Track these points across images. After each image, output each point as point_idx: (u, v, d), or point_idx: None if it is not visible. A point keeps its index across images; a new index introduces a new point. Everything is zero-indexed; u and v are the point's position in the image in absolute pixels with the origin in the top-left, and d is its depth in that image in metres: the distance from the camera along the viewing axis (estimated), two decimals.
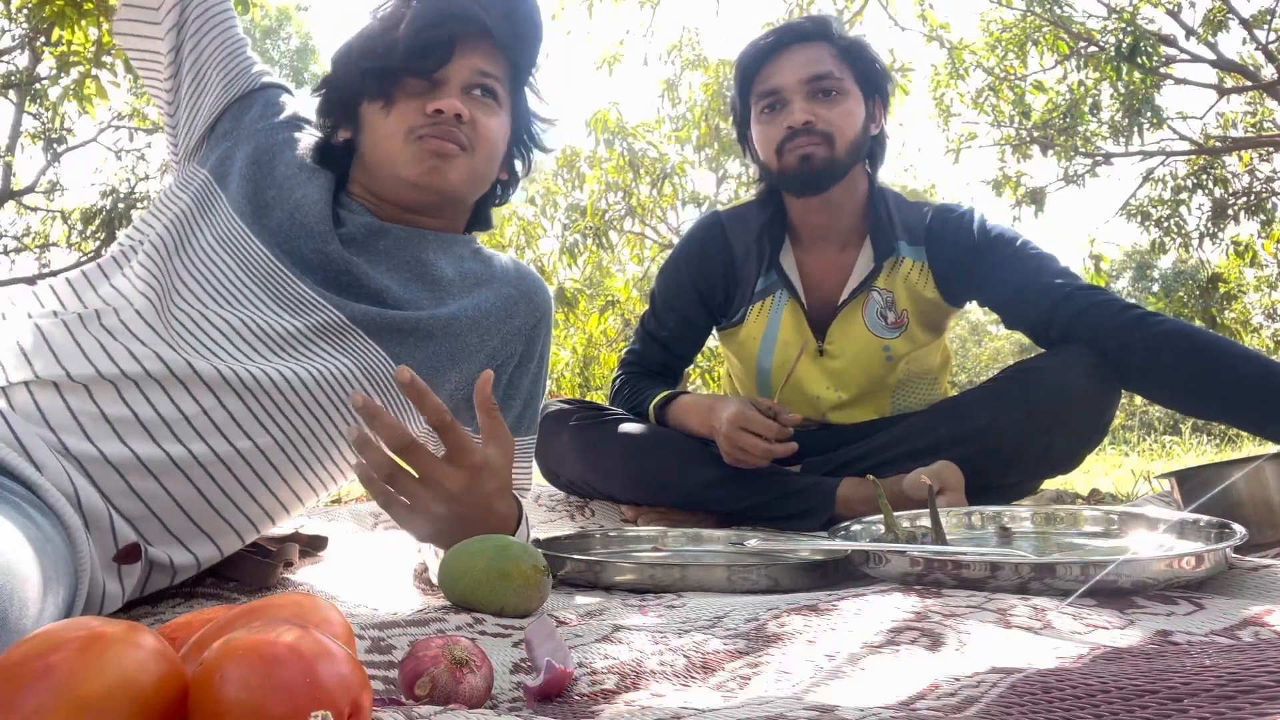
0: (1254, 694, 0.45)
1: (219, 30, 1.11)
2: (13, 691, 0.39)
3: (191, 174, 1.08)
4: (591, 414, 1.69)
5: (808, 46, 1.52)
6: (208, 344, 0.92)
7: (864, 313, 1.61)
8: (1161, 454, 6.59)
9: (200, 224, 1.03)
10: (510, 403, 1.15)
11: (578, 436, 1.65)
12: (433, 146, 1.05)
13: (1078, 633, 0.70)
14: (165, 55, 1.10)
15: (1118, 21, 6.02)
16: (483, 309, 1.09)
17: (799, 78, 1.50)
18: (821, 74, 1.49)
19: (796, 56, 1.51)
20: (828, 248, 1.62)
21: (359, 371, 0.98)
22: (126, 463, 0.82)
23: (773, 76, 1.52)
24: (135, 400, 0.84)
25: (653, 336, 1.79)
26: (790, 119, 1.49)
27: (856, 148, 1.53)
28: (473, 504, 0.89)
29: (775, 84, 1.52)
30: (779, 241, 1.63)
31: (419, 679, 0.58)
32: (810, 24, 1.55)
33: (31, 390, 0.82)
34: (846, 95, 1.51)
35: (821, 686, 0.61)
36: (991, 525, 1.19)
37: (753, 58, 1.55)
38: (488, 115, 1.09)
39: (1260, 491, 1.09)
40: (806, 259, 1.64)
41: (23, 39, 6.27)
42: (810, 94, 1.50)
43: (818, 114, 1.49)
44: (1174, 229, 7.18)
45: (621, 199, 7.12)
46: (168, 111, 1.12)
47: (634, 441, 1.61)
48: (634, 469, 1.60)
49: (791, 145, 1.50)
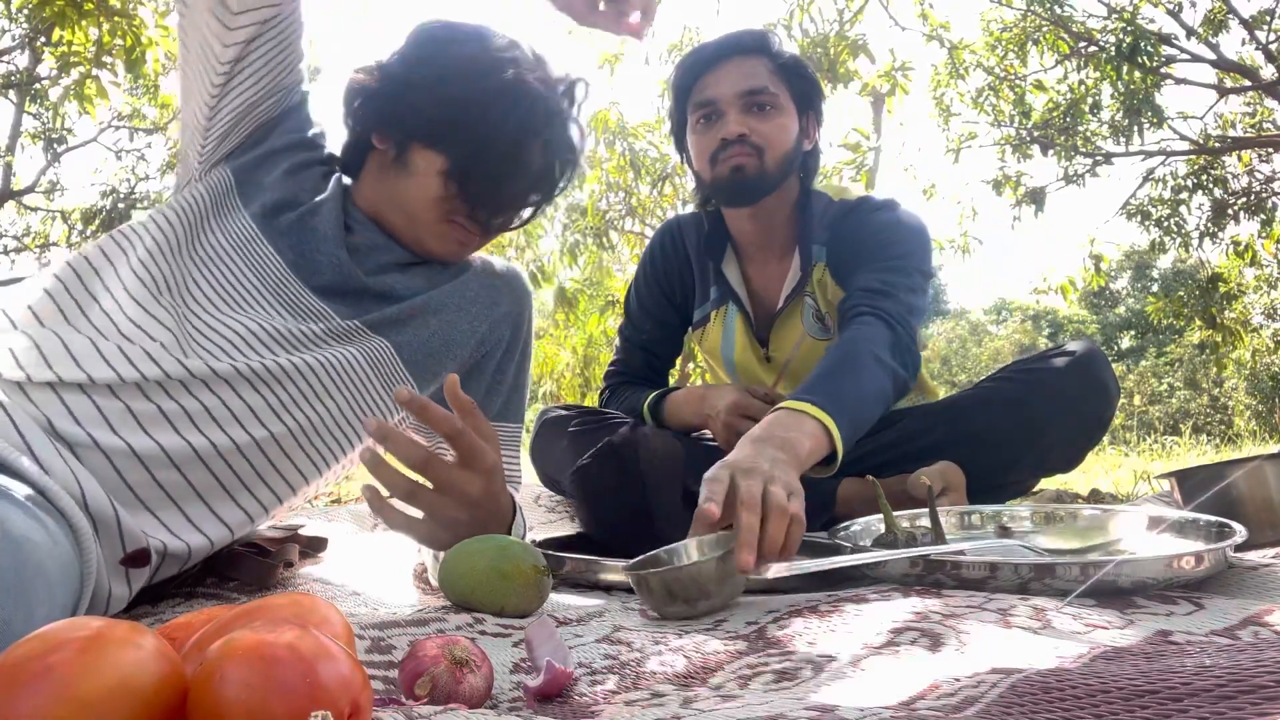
0: (1254, 694, 0.45)
1: (289, 51, 1.06)
2: (13, 691, 0.39)
3: (212, 171, 1.08)
4: (592, 419, 1.69)
5: (746, 60, 1.54)
6: (225, 347, 0.95)
7: (801, 318, 1.62)
8: (1161, 454, 6.60)
9: (212, 221, 1.04)
10: (498, 388, 1.19)
11: (577, 441, 1.65)
12: (461, 237, 1.12)
13: (1078, 633, 0.70)
14: (225, 63, 1.02)
15: (1118, 21, 6.02)
16: (469, 295, 1.15)
17: (735, 90, 1.51)
18: (757, 88, 1.51)
19: (734, 69, 1.53)
20: (767, 258, 1.65)
21: (364, 359, 1.03)
22: (152, 455, 0.85)
23: (709, 88, 1.54)
24: (158, 396, 0.88)
25: (632, 342, 1.82)
26: (725, 130, 1.51)
27: (788, 161, 1.55)
28: (490, 505, 0.92)
29: (711, 95, 1.53)
30: (720, 252, 1.67)
31: (419, 679, 0.59)
32: (750, 38, 1.57)
33: (58, 390, 0.84)
34: (780, 110, 1.53)
35: (822, 687, 0.61)
36: (991, 525, 1.19)
37: (691, 67, 1.57)
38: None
39: (1260, 491, 1.09)
40: (749, 269, 1.67)
41: (23, 39, 6.27)
42: (745, 107, 1.51)
43: (752, 127, 1.51)
44: (1174, 229, 7.18)
45: (622, 199, 7.11)
46: (205, 113, 1.06)
47: None
48: None
49: (724, 156, 1.51)
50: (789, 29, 5.94)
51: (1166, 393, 14.85)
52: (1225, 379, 12.92)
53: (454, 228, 1.11)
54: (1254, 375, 11.87)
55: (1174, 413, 13.82)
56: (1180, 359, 15.40)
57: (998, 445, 1.45)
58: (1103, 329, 20.99)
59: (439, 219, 1.09)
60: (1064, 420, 1.46)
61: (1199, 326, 7.46)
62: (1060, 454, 1.52)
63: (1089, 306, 20.56)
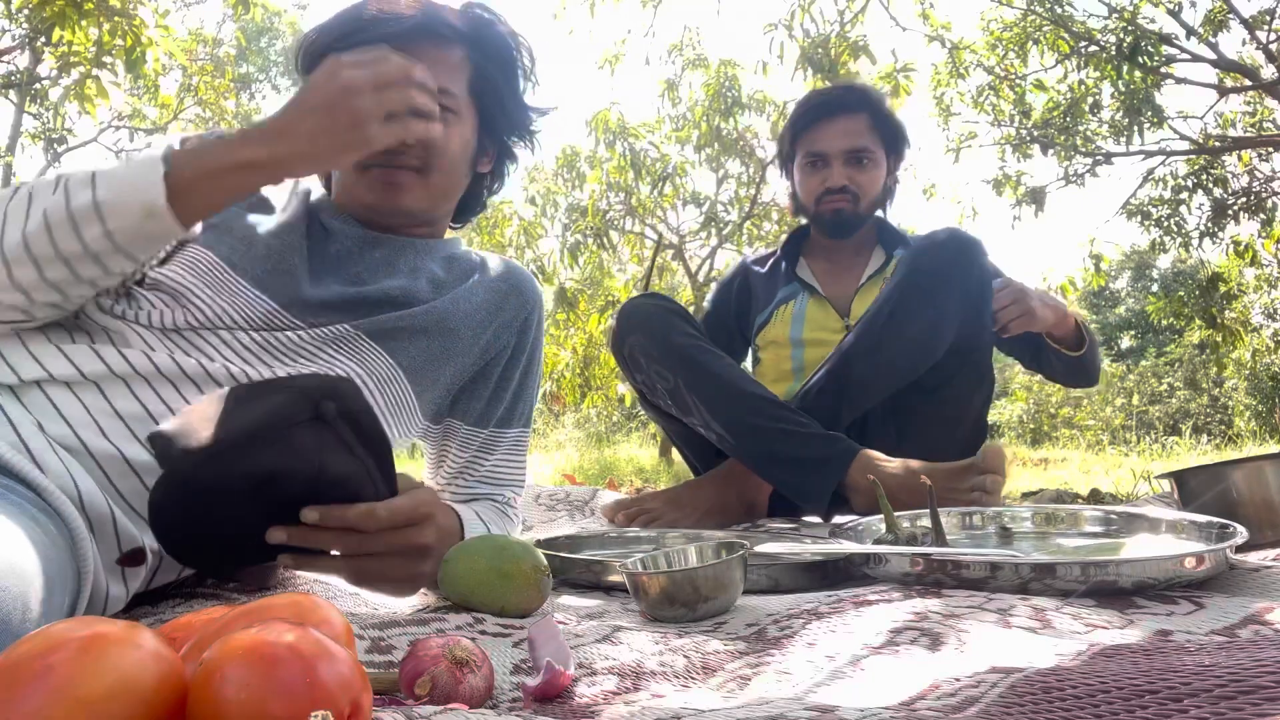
0: (1254, 694, 0.45)
1: None
2: (13, 691, 0.39)
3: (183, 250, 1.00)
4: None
5: (851, 118, 1.86)
6: (219, 348, 0.93)
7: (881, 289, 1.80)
8: (1162, 454, 6.60)
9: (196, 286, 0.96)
10: (501, 395, 1.17)
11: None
12: (382, 178, 1.04)
13: (1078, 633, 0.70)
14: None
15: (1118, 21, 6.02)
16: (474, 303, 1.11)
17: (840, 148, 1.85)
18: (859, 147, 1.85)
19: (840, 126, 1.86)
20: (841, 256, 1.95)
21: (364, 374, 1.00)
22: (144, 464, 0.83)
23: (819, 141, 1.87)
24: (147, 397, 0.85)
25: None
26: (831, 180, 1.85)
27: (878, 203, 1.92)
28: (442, 542, 0.89)
29: (821, 148, 1.86)
30: (795, 257, 1.97)
31: (419, 679, 0.59)
32: (856, 98, 1.89)
33: (45, 389, 0.83)
34: (875, 163, 1.87)
35: (822, 687, 0.61)
36: (992, 525, 1.19)
37: (803, 117, 1.91)
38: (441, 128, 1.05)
39: (1260, 491, 1.09)
40: (821, 265, 1.97)
41: (23, 39, 6.27)
42: (848, 161, 1.85)
43: (851, 178, 1.85)
44: (1174, 228, 7.17)
45: (622, 199, 7.11)
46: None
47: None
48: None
49: (828, 200, 1.86)
50: (790, 29, 5.94)
51: (1166, 393, 14.84)
52: (1225, 379, 12.92)
53: (370, 173, 1.04)
54: (1254, 375, 11.86)
55: (1174, 413, 13.81)
56: (1180, 359, 15.39)
57: (908, 328, 1.56)
58: (1103, 329, 20.99)
59: (351, 166, 1.04)
60: (945, 289, 1.58)
61: (1199, 326, 7.46)
62: (953, 314, 1.59)
63: (1089, 306, 20.55)
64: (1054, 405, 12.05)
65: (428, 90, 0.88)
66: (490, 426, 1.16)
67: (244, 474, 0.72)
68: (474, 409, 1.15)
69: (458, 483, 1.16)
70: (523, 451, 1.20)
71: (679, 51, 7.17)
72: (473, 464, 1.16)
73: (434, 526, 0.85)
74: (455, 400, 1.15)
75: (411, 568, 0.85)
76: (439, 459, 1.19)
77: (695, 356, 1.63)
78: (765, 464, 1.56)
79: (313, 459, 0.74)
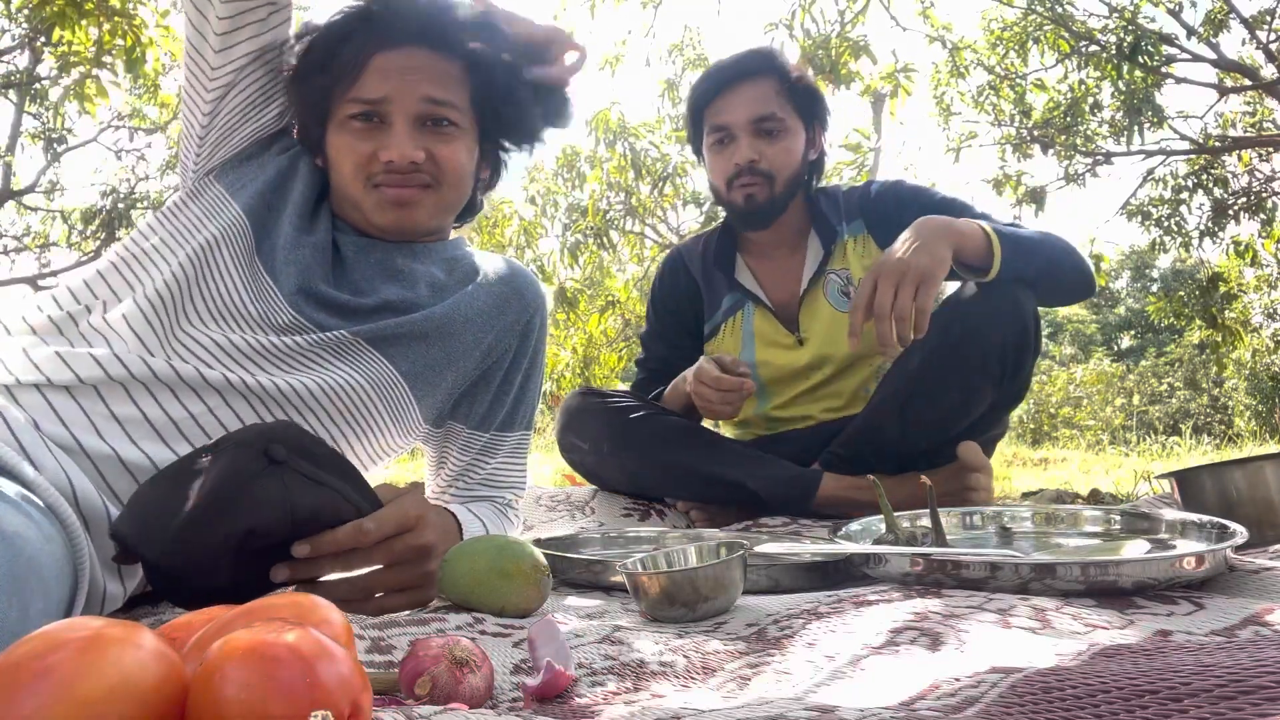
0: (1254, 694, 0.45)
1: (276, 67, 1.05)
2: (13, 691, 0.39)
3: (216, 198, 1.04)
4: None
5: (754, 83, 1.66)
6: (216, 354, 0.93)
7: (825, 295, 1.72)
8: (1162, 454, 6.60)
9: (225, 259, 1.00)
10: (503, 397, 1.16)
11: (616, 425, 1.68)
12: (393, 196, 1.04)
13: (1078, 633, 0.70)
14: (223, 75, 1.01)
15: (1119, 20, 6.02)
16: (475, 307, 1.10)
17: (745, 116, 1.65)
18: (765, 114, 1.64)
19: (744, 94, 1.66)
20: (779, 254, 1.77)
21: (365, 382, 1.00)
22: (139, 465, 0.83)
23: (723, 112, 1.67)
24: (144, 401, 0.87)
25: (654, 371, 1.88)
26: (738, 155, 1.65)
27: (796, 180, 1.69)
28: (444, 540, 0.91)
29: (724, 120, 1.67)
30: (731, 260, 1.79)
31: (419, 679, 0.59)
32: (757, 61, 1.68)
33: (44, 392, 0.83)
34: (787, 132, 1.67)
35: (822, 687, 0.61)
36: (992, 525, 1.19)
37: (704, 92, 1.70)
38: (446, 145, 1.05)
39: (1260, 491, 1.09)
40: (760, 266, 1.79)
41: (23, 39, 6.27)
42: (755, 133, 1.65)
43: (761, 151, 1.65)
44: (1174, 228, 7.17)
45: (623, 199, 7.12)
46: (200, 120, 1.04)
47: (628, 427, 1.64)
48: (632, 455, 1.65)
49: (738, 182, 1.66)
50: (790, 29, 5.94)
51: (1166, 393, 14.84)
52: (1225, 379, 12.92)
53: (381, 190, 1.04)
54: (1254, 375, 11.87)
55: (1174, 413, 13.82)
56: (1180, 359, 15.40)
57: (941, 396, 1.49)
58: (1103, 329, 20.99)
59: (362, 183, 1.04)
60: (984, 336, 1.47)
61: (1199, 326, 7.45)
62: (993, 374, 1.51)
63: (1089, 306, 20.55)
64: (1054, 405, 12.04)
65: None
66: (491, 430, 1.16)
67: (219, 541, 0.72)
68: (475, 412, 1.15)
69: (458, 485, 1.16)
70: (524, 455, 1.19)
71: (679, 51, 7.18)
72: (473, 467, 1.15)
73: (430, 526, 0.86)
74: (457, 404, 1.14)
75: (420, 571, 0.86)
76: (440, 462, 1.19)
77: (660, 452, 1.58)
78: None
79: (282, 503, 0.74)
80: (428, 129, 1.04)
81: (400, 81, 1.02)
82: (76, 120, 7.85)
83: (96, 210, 7.90)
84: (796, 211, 1.73)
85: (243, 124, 1.06)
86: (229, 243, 1.00)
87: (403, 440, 1.10)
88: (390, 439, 1.07)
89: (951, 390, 1.48)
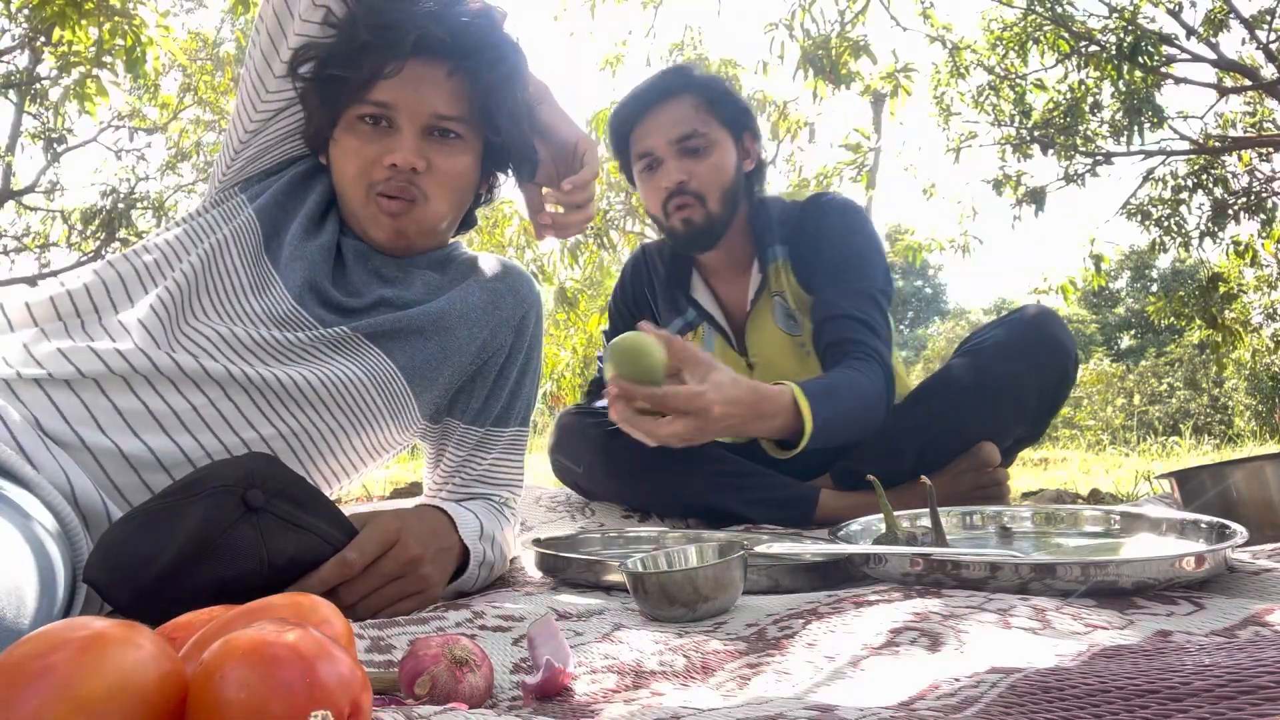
0: (1254, 694, 0.45)
1: None
2: (13, 691, 0.39)
3: (235, 205, 1.08)
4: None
5: (673, 103, 1.59)
6: (219, 345, 0.95)
7: (773, 317, 1.68)
8: (1162, 454, 6.59)
9: (234, 257, 1.02)
10: (499, 393, 1.17)
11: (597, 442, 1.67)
12: (386, 208, 1.05)
13: (1078, 633, 0.70)
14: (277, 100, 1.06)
15: (1119, 20, 6.02)
16: (470, 303, 1.12)
17: (667, 138, 1.57)
18: (687, 133, 1.57)
19: (663, 115, 1.59)
20: (731, 273, 1.71)
21: (364, 376, 1.01)
22: (141, 458, 0.84)
23: (645, 138, 1.60)
24: (145, 393, 0.88)
25: None
26: (665, 179, 1.58)
27: (731, 196, 1.61)
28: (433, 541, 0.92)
29: (648, 145, 1.60)
30: (687, 280, 1.74)
31: (419, 678, 0.59)
32: (671, 79, 1.62)
33: (45, 387, 0.83)
34: (714, 146, 1.59)
35: (822, 687, 0.61)
36: (992, 525, 1.19)
37: (624, 120, 1.64)
38: (448, 157, 1.06)
39: (1260, 491, 1.09)
40: (718, 286, 1.74)
41: (23, 39, 6.27)
42: (680, 153, 1.58)
43: (689, 171, 1.57)
44: (1174, 229, 7.17)
45: (622, 199, 7.11)
46: (240, 135, 1.09)
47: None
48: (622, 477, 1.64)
49: (672, 205, 1.59)
50: (790, 29, 5.94)
51: (1166, 393, 14.83)
52: (1225, 379, 12.92)
53: (378, 201, 1.05)
54: (1254, 375, 11.86)
55: (1174, 413, 13.81)
56: (1180, 359, 15.39)
57: (968, 420, 1.49)
58: (1103, 329, 20.98)
59: (364, 192, 1.05)
60: (1025, 380, 1.49)
61: (1199, 326, 7.46)
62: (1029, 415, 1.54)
63: (1089, 306, 20.55)
64: None
65: None
66: (486, 425, 1.16)
67: (194, 591, 0.72)
68: (471, 407, 1.16)
69: (454, 481, 1.16)
70: (520, 452, 1.20)
71: (680, 51, 7.18)
72: (468, 463, 1.16)
73: (412, 536, 0.88)
74: (454, 399, 1.16)
75: (415, 579, 0.87)
76: (437, 459, 1.19)
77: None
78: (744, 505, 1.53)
79: (257, 554, 0.74)
80: (433, 139, 1.06)
81: (415, 92, 1.04)
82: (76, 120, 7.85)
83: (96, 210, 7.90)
84: (741, 229, 1.67)
85: (279, 144, 1.11)
86: (238, 241, 1.03)
87: (401, 436, 1.11)
88: (388, 434, 1.08)
89: (983, 427, 1.49)
